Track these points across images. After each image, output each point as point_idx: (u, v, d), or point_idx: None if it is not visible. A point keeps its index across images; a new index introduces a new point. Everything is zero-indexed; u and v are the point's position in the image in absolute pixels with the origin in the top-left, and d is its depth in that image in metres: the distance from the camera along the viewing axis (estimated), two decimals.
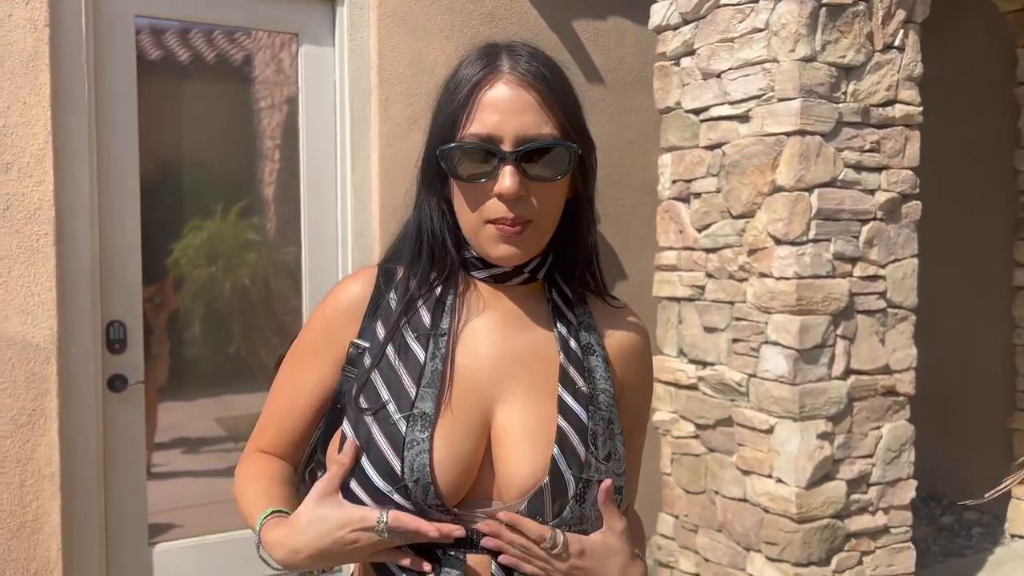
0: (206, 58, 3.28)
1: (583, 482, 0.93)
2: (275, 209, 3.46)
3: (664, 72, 3.01)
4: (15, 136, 2.68)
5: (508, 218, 0.92)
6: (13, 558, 2.72)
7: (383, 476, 0.90)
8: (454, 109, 0.94)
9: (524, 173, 0.92)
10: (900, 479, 2.72)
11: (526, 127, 0.92)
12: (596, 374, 1.01)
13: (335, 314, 1.02)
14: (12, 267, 2.69)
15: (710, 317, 2.81)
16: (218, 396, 3.34)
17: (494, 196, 0.92)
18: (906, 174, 2.68)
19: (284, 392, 1.06)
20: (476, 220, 0.94)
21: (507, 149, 0.92)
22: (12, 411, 2.70)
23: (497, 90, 0.93)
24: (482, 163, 0.92)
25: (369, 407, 0.93)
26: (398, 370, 0.95)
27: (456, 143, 0.93)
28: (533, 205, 0.94)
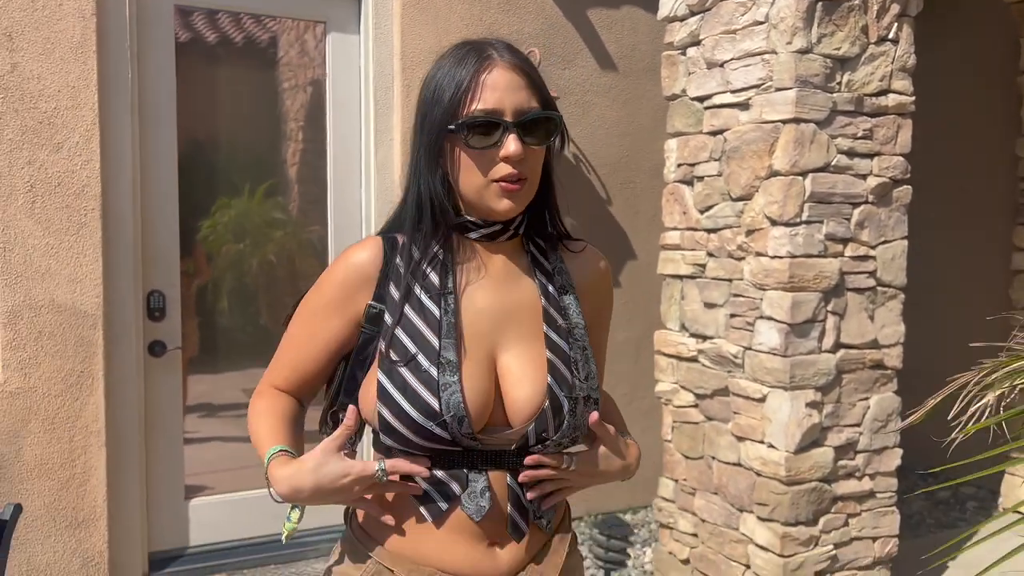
0: (233, 41, 3.46)
1: (573, 400, 1.16)
2: (298, 189, 3.65)
3: (671, 61, 3.17)
4: (65, 118, 2.90)
5: (514, 175, 1.13)
6: (63, 507, 2.96)
7: (424, 414, 1.09)
8: (458, 92, 1.14)
9: (522, 139, 1.13)
10: (886, 447, 2.90)
11: (521, 102, 1.14)
12: (570, 310, 1.24)
13: (349, 277, 1.19)
14: (62, 240, 2.92)
15: (710, 293, 2.98)
16: (245, 369, 3.56)
17: (500, 160, 1.13)
18: (897, 160, 2.84)
19: (299, 341, 1.23)
20: (482, 182, 1.14)
21: (509, 120, 1.12)
22: (63, 372, 2.93)
23: (494, 74, 1.13)
24: (489, 134, 1.12)
25: (400, 359, 1.13)
26: (419, 326, 1.15)
27: (468, 118, 1.12)
28: (527, 165, 1.15)
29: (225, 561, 3.31)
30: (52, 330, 2.91)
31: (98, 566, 3.01)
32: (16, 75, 2.82)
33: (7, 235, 2.84)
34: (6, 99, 2.81)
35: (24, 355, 2.88)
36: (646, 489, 3.97)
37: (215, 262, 3.43)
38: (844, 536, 2.83)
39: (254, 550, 3.38)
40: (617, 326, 3.98)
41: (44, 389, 2.91)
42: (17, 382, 2.87)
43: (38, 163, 2.87)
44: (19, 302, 2.86)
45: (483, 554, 1.15)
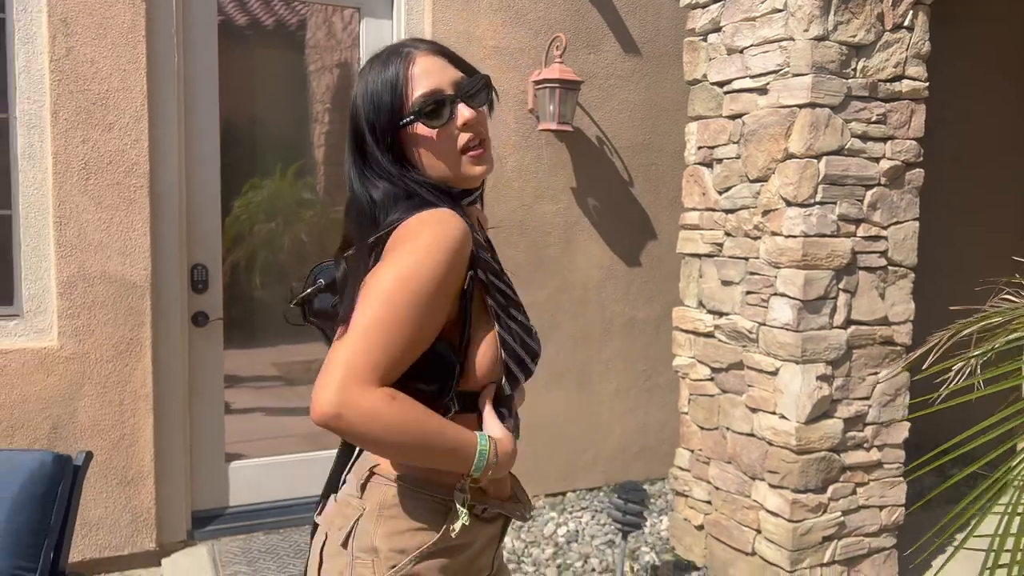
0: (263, 24, 3.59)
1: None
2: (325, 170, 3.80)
3: (693, 47, 3.28)
4: (116, 99, 3.07)
5: (477, 139, 1.26)
6: (113, 465, 3.16)
7: (531, 356, 1.30)
8: (396, 91, 1.23)
9: (470, 105, 1.27)
10: (894, 420, 3.02)
11: (452, 76, 1.27)
12: None
13: (461, 257, 1.18)
14: (113, 215, 3.10)
15: (727, 272, 3.11)
16: (276, 345, 3.74)
17: (458, 130, 1.25)
18: (910, 144, 2.94)
19: (417, 328, 1.14)
20: (453, 156, 1.26)
21: (452, 93, 1.26)
22: (114, 339, 3.12)
23: (420, 63, 1.26)
24: (440, 112, 1.24)
25: (506, 315, 1.27)
26: (499, 285, 1.29)
27: (416, 104, 1.23)
28: (484, 126, 1.29)
29: (262, 520, 3.50)
30: (104, 300, 3.09)
31: (145, 522, 3.21)
32: (71, 59, 2.99)
33: (63, 210, 3.02)
34: (62, 81, 2.98)
35: (78, 323, 3.06)
36: (663, 462, 4.12)
37: (246, 240, 3.59)
38: (852, 504, 2.97)
39: (289, 511, 3.57)
40: (637, 304, 4.11)
41: (97, 355, 3.10)
42: (72, 348, 3.06)
43: (91, 142, 3.04)
44: (74, 273, 3.05)
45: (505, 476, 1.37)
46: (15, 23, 2.96)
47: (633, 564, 3.35)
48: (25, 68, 2.98)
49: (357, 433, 1.10)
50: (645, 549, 3.50)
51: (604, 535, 3.58)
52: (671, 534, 3.49)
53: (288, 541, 3.38)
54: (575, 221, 3.93)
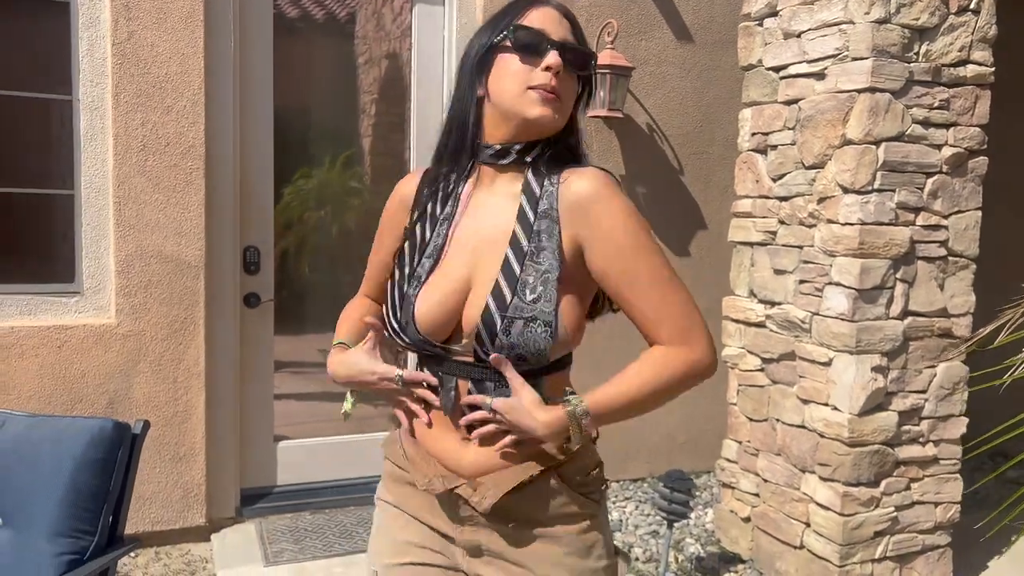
0: (313, 16, 3.64)
1: (507, 319, 1.21)
2: (371, 160, 3.83)
3: (748, 32, 3.23)
4: (175, 82, 3.13)
5: (550, 85, 1.24)
6: (166, 442, 3.23)
7: (396, 323, 1.30)
8: (508, 15, 1.27)
9: (564, 60, 1.25)
10: (952, 415, 2.94)
11: (565, 34, 1.28)
12: (543, 235, 1.25)
13: (394, 203, 1.43)
14: (170, 196, 3.16)
15: (779, 260, 3.06)
16: (324, 332, 3.78)
17: (539, 70, 1.24)
18: (974, 131, 2.85)
19: (373, 257, 1.50)
20: (519, 88, 1.25)
21: (554, 39, 1.26)
22: (168, 318, 3.19)
23: (544, 9, 1.28)
24: (535, 45, 1.25)
25: (397, 274, 1.34)
26: (406, 248, 1.34)
27: (519, 26, 1.25)
28: (563, 86, 1.26)
29: (309, 500, 3.55)
30: (160, 279, 3.16)
31: (196, 497, 3.28)
32: (132, 43, 3.06)
33: (122, 190, 3.09)
34: (123, 65, 3.05)
35: (135, 301, 3.14)
36: (709, 454, 4.08)
37: (297, 227, 3.64)
38: (905, 499, 2.90)
39: (335, 491, 3.61)
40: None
41: (152, 333, 3.17)
42: (129, 325, 3.14)
43: (150, 124, 3.11)
44: (131, 252, 3.12)
45: (454, 448, 1.31)
46: (79, 7, 3.03)
47: (678, 555, 3.32)
48: (88, 52, 3.06)
49: None
50: (690, 540, 3.46)
51: (648, 525, 3.56)
52: (717, 526, 3.45)
53: (334, 521, 3.42)
54: None
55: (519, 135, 1.28)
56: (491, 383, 1.25)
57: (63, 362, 3.06)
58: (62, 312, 3.11)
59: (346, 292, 1.60)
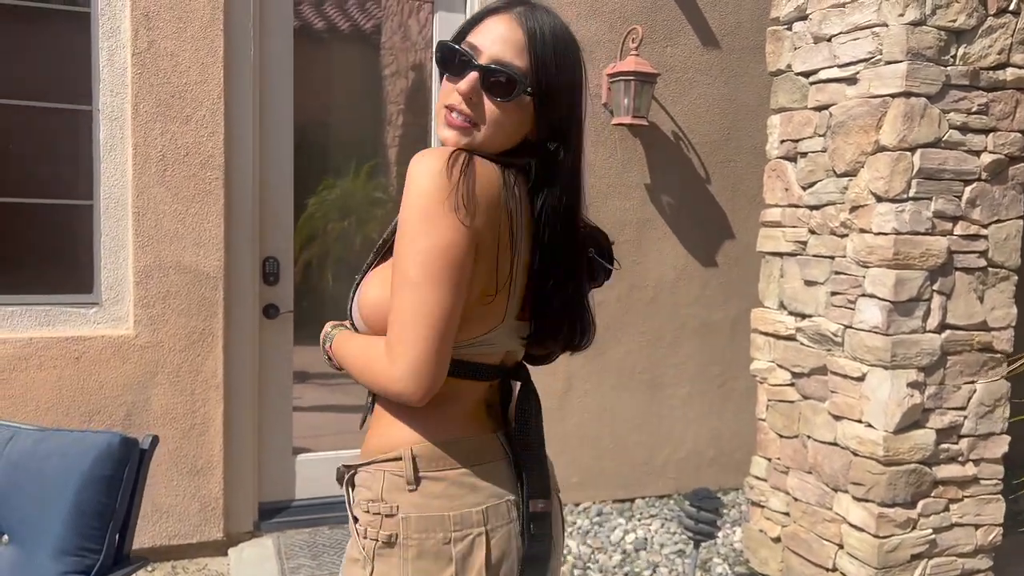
0: (339, 28, 3.61)
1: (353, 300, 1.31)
2: (397, 171, 3.79)
3: (776, 36, 3.14)
4: (194, 92, 3.11)
5: (457, 108, 1.18)
6: (184, 454, 3.19)
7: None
8: (469, 23, 1.24)
9: (483, 85, 1.17)
10: (993, 433, 2.81)
11: (503, 54, 1.17)
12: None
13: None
14: (189, 206, 3.13)
15: (810, 271, 2.95)
16: None
17: (456, 90, 1.18)
18: (1015, 136, 2.73)
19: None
20: (440, 107, 1.22)
21: (479, 61, 1.18)
22: (187, 329, 3.16)
23: (497, 21, 1.20)
24: (460, 65, 1.19)
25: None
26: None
27: (450, 41, 1.22)
28: (483, 112, 1.18)
29: (328, 515, 3.49)
30: (178, 290, 3.13)
31: (214, 511, 3.23)
32: (152, 52, 3.04)
33: (141, 201, 3.07)
34: (143, 74, 3.04)
35: (153, 312, 3.11)
36: (737, 470, 3.96)
37: (321, 238, 3.60)
38: (944, 521, 2.77)
39: None
40: (713, 305, 3.97)
41: (170, 344, 3.14)
42: (147, 336, 3.11)
43: (169, 134, 3.08)
44: (150, 263, 3.09)
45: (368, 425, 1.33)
46: (99, 17, 3.03)
47: None
48: (108, 61, 3.05)
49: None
50: (717, 560, 3.35)
51: (674, 544, 3.45)
52: (745, 546, 3.34)
53: None
54: (648, 219, 3.81)
55: None
56: None
57: (81, 374, 3.04)
58: (80, 323, 3.09)
59: None
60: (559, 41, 1.21)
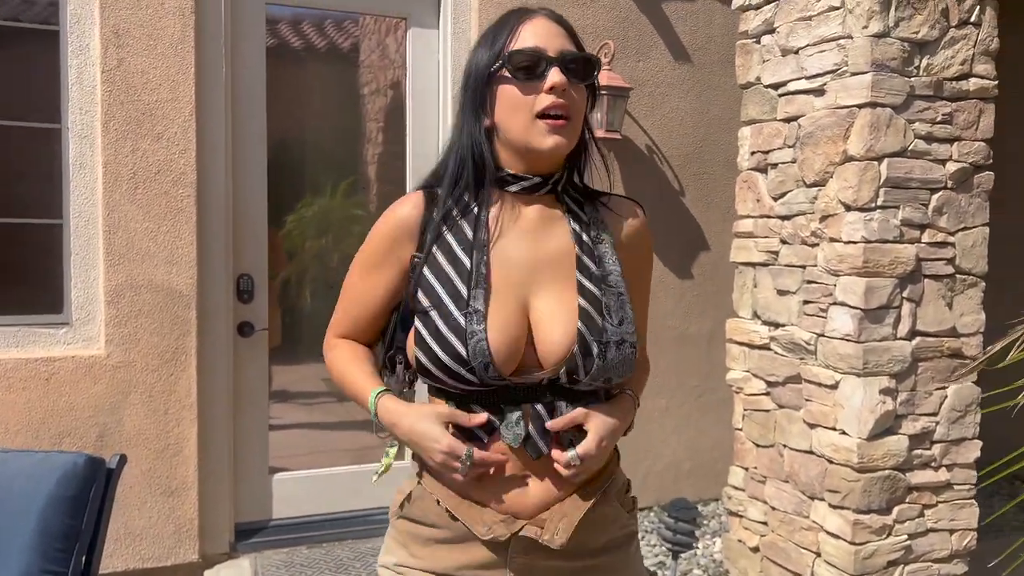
0: (317, 46, 3.62)
1: (603, 344, 1.20)
2: (377, 188, 3.79)
3: (746, 49, 3.18)
4: (165, 109, 3.09)
5: (558, 105, 1.19)
6: (157, 475, 3.15)
7: (455, 360, 1.17)
8: (502, 38, 1.22)
9: (567, 74, 1.20)
10: (965, 438, 2.83)
11: (562, 45, 1.22)
12: (606, 258, 1.28)
13: (395, 231, 1.29)
14: (161, 224, 3.11)
15: (783, 281, 2.98)
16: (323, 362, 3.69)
17: (543, 92, 1.19)
18: (979, 146, 2.78)
19: (356, 293, 1.35)
20: (527, 118, 1.20)
21: (552, 55, 1.20)
22: (159, 348, 3.13)
23: (536, 22, 1.23)
24: (533, 67, 1.19)
25: (430, 305, 1.21)
26: (451, 275, 1.22)
27: (513, 51, 1.19)
28: (571, 102, 1.21)
29: (305, 534, 3.45)
30: (150, 308, 3.10)
31: (189, 532, 3.19)
32: (122, 69, 3.03)
33: (112, 219, 3.04)
34: (113, 92, 3.02)
35: (125, 331, 3.08)
36: (716, 481, 3.97)
37: (299, 256, 3.58)
38: (919, 527, 2.79)
39: (333, 525, 3.52)
40: (689, 318, 3.99)
41: (143, 363, 3.10)
42: (119, 356, 3.07)
43: (140, 152, 3.07)
44: (122, 282, 3.06)
45: (516, 485, 1.22)
46: (68, 35, 3.01)
47: None
48: (77, 79, 3.03)
49: None
50: (697, 572, 3.35)
51: (654, 556, 3.45)
52: (725, 556, 3.34)
53: (331, 556, 3.33)
54: None
55: (538, 164, 1.25)
56: (563, 403, 1.22)
57: (51, 395, 2.99)
58: (50, 344, 3.06)
59: None
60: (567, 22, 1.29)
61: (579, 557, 1.24)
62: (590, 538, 1.25)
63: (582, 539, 1.22)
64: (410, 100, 3.61)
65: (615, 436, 1.25)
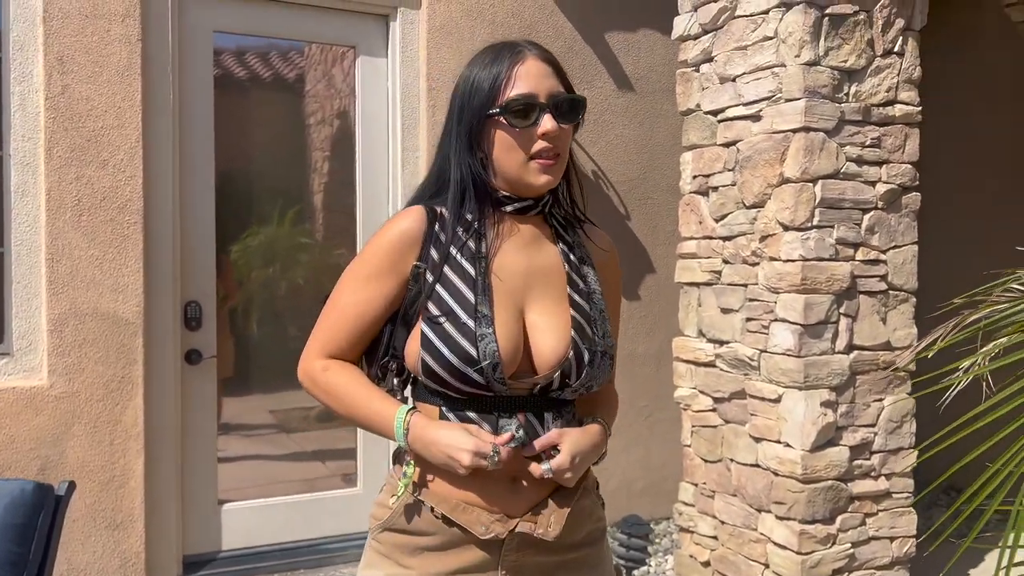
0: (263, 76, 3.63)
1: (593, 352, 1.32)
2: (324, 216, 3.80)
3: (686, 78, 3.30)
4: (111, 136, 3.07)
5: (550, 150, 1.29)
6: (102, 508, 3.08)
7: (464, 361, 1.24)
8: (496, 82, 1.30)
9: (556, 119, 1.29)
10: (901, 448, 2.95)
11: (552, 87, 1.31)
12: (589, 278, 1.41)
13: (399, 242, 1.33)
14: (106, 251, 3.08)
15: (726, 299, 3.07)
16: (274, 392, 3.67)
17: (537, 138, 1.29)
18: (906, 168, 2.93)
19: (352, 307, 1.35)
20: (521, 159, 1.30)
21: (544, 102, 1.29)
22: (104, 377, 3.07)
23: (527, 64, 1.31)
24: (527, 115, 1.28)
25: (441, 313, 1.28)
26: (458, 284, 1.30)
27: (509, 101, 1.28)
28: (561, 142, 1.31)
29: (256, 565, 3.40)
30: (95, 337, 3.05)
31: (135, 567, 3.12)
32: (66, 96, 3.01)
33: (55, 247, 3.00)
34: (57, 119, 2.99)
35: (69, 361, 3.02)
36: (668, 499, 4.03)
37: (246, 285, 3.56)
38: (861, 535, 2.88)
39: (284, 555, 3.47)
40: (637, 338, 4.07)
41: (87, 394, 3.04)
42: (62, 387, 3.01)
43: (85, 179, 3.03)
44: (65, 310, 3.01)
45: (506, 488, 1.29)
46: (11, 61, 2.98)
47: None
48: (20, 106, 2.99)
49: (309, 395, 1.38)
50: None
51: None
52: (677, 572, 3.39)
53: None
54: None
55: (528, 193, 1.35)
56: (548, 413, 1.31)
57: None
58: None
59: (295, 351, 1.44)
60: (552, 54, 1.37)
61: (563, 551, 1.33)
62: (573, 531, 1.33)
63: (566, 532, 1.31)
64: (359, 128, 3.64)
65: (588, 455, 1.33)
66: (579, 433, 1.33)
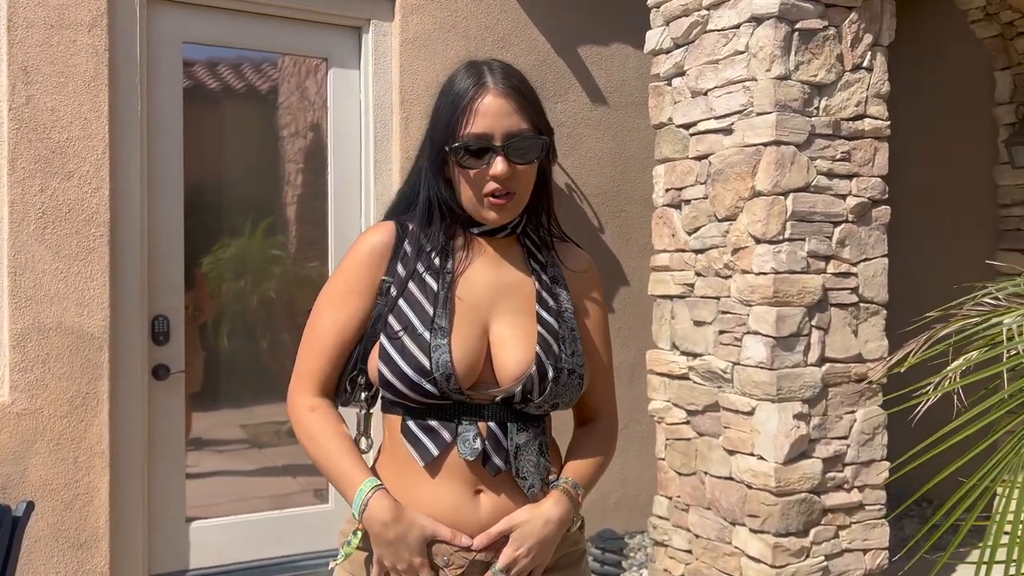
0: (234, 87, 3.60)
1: (557, 369, 1.29)
2: (296, 228, 3.76)
3: (658, 91, 3.31)
4: (77, 147, 3.02)
5: (500, 191, 1.28)
6: (65, 527, 3.00)
7: (416, 371, 1.24)
8: (455, 116, 1.28)
9: (509, 160, 1.27)
10: (874, 460, 2.96)
11: (510, 126, 1.27)
12: (560, 297, 1.39)
13: (370, 258, 1.34)
14: (71, 265, 3.02)
15: (699, 312, 3.08)
16: (245, 406, 3.62)
17: (489, 178, 1.27)
18: (875, 181, 2.96)
19: (331, 326, 1.34)
20: (476, 195, 1.30)
21: (497, 144, 1.26)
22: (69, 393, 3.00)
23: (486, 101, 1.27)
24: (480, 155, 1.27)
25: (401, 327, 1.27)
26: (419, 298, 1.30)
27: (460, 142, 1.27)
28: (515, 182, 1.30)
29: None
30: (59, 352, 2.99)
31: None
32: (31, 107, 2.95)
33: (19, 260, 2.93)
34: (20, 130, 2.93)
35: (32, 377, 2.95)
36: (643, 513, 4.01)
37: (218, 298, 3.51)
38: (835, 547, 2.88)
39: (254, 573, 3.40)
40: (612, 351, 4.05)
41: (50, 410, 2.97)
42: (24, 403, 2.94)
43: (50, 191, 2.98)
44: (28, 325, 2.94)
45: (467, 501, 1.27)
46: None
47: None
48: None
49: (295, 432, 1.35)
50: None
51: None
52: None
53: None
54: None
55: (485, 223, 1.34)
56: (513, 424, 1.29)
57: None
58: None
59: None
60: (524, 82, 1.32)
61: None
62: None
63: None
64: (331, 140, 3.61)
65: (545, 541, 1.29)
66: (531, 523, 1.28)
